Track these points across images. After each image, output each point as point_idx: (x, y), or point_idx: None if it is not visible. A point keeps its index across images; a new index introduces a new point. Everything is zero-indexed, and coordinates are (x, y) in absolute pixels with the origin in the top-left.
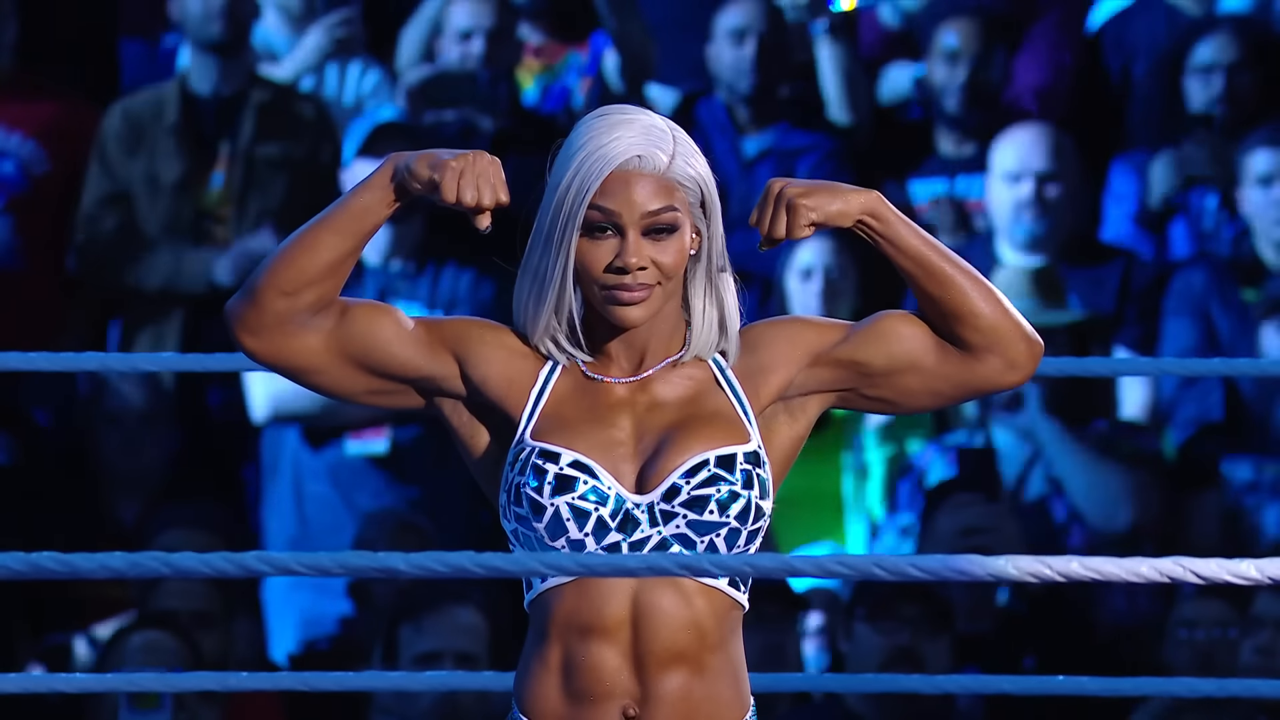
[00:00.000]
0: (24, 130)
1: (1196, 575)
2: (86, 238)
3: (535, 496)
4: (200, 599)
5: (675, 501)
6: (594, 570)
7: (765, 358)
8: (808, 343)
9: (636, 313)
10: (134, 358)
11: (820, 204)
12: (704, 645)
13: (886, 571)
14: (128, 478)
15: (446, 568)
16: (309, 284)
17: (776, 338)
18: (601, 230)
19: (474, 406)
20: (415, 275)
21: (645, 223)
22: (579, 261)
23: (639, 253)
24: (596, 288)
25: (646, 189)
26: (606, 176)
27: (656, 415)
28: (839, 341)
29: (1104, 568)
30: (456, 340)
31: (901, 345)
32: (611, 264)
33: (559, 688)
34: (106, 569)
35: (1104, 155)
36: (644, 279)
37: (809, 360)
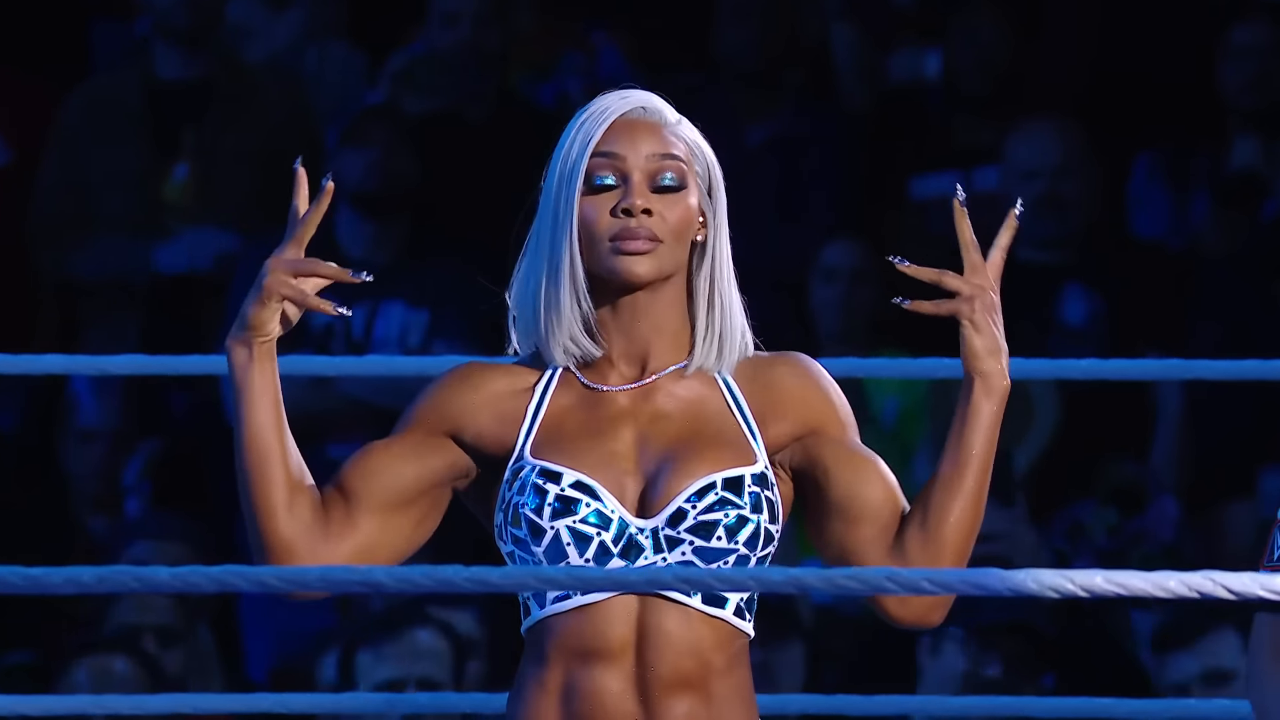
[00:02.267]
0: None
1: (1228, 590)
2: (40, 229)
3: (535, 519)
4: (167, 613)
5: (681, 527)
6: (590, 584)
7: (777, 400)
8: (817, 415)
9: (642, 266)
10: (101, 361)
11: (985, 329)
12: (711, 670)
13: (900, 586)
14: (94, 487)
15: (434, 582)
16: (291, 493)
17: (794, 389)
18: (604, 183)
19: (477, 458)
20: (399, 272)
21: (650, 167)
22: (582, 221)
23: (643, 194)
24: (600, 246)
25: (652, 135)
26: (610, 124)
27: (660, 427)
28: (833, 440)
29: (1130, 582)
30: (440, 420)
31: (866, 496)
32: (614, 209)
33: (558, 715)
34: (74, 584)
35: (1130, 146)
36: (649, 225)
37: (806, 432)
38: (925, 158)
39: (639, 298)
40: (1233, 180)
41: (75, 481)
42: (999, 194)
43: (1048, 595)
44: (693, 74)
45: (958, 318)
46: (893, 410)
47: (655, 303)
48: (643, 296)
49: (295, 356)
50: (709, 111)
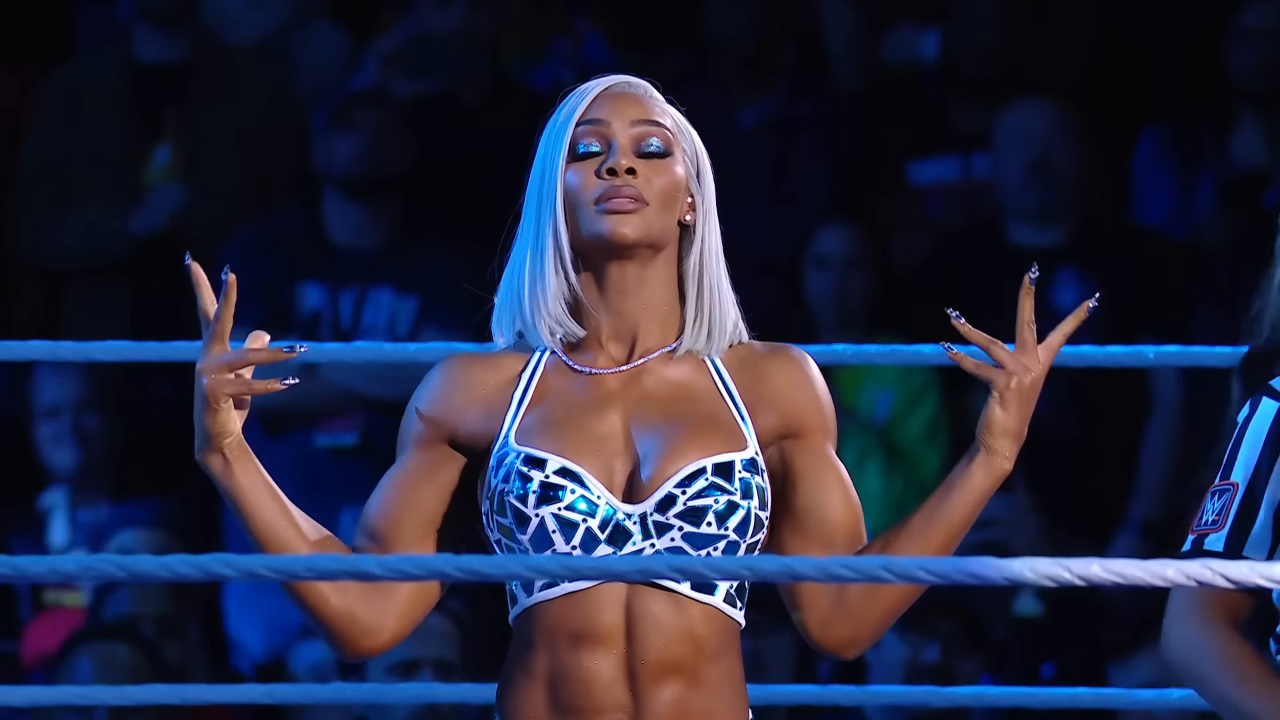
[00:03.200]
0: None
1: (1226, 579)
2: (19, 212)
3: (519, 506)
4: (158, 603)
5: (670, 513)
6: (580, 573)
7: (768, 393)
8: (804, 419)
9: (628, 225)
10: (87, 347)
11: (1012, 409)
12: (701, 656)
13: (894, 575)
14: (75, 473)
15: (423, 571)
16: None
17: (786, 386)
18: (589, 150)
19: (470, 453)
20: (388, 258)
21: (635, 132)
22: (567, 190)
23: (627, 155)
24: (586, 209)
25: (637, 104)
26: (595, 96)
27: (649, 410)
28: (812, 449)
29: (1127, 570)
30: (434, 430)
31: (826, 515)
32: (598, 170)
33: (546, 701)
34: (57, 572)
35: (1132, 128)
36: (634, 184)
37: (789, 433)
38: (923, 142)
39: (628, 272)
40: (1237, 168)
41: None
42: (995, 179)
43: (1045, 584)
44: (683, 54)
45: (991, 386)
46: (885, 406)
47: (644, 281)
48: (631, 271)
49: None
50: (700, 94)
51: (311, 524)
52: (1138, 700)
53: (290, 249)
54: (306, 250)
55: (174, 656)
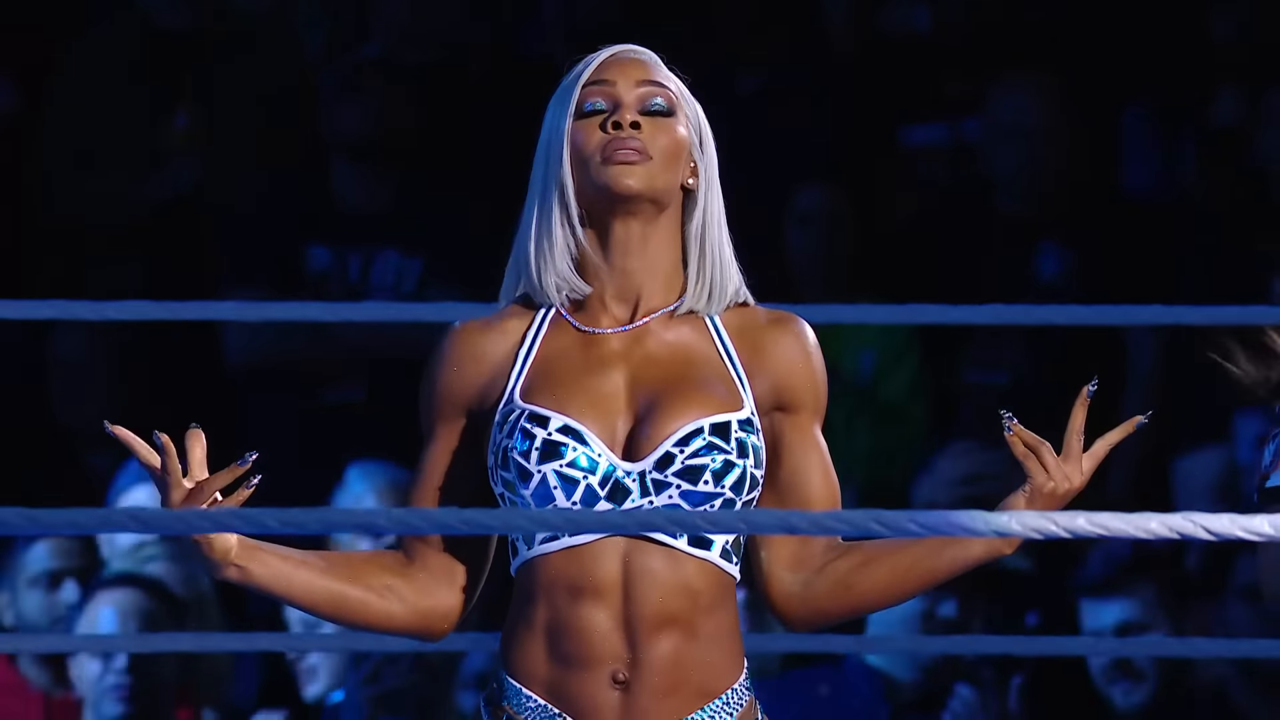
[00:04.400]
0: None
1: (1208, 531)
2: (43, 175)
3: (522, 462)
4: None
5: (668, 471)
6: (581, 526)
7: (767, 361)
8: (798, 393)
9: (631, 177)
10: (103, 305)
11: (1043, 508)
12: (696, 609)
13: (886, 528)
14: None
15: (429, 524)
16: (380, 593)
17: (785, 357)
18: (595, 108)
19: (482, 414)
20: (394, 221)
21: (641, 92)
22: (573, 146)
23: (632, 111)
24: (591, 163)
25: (642, 67)
26: (603, 60)
27: (649, 371)
28: (801, 424)
29: (1111, 523)
30: (450, 408)
31: (805, 492)
32: (603, 124)
33: (546, 652)
34: (74, 525)
35: (1117, 96)
36: (639, 138)
37: (782, 404)
38: (914, 107)
39: (631, 230)
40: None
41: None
42: (984, 146)
43: (1031, 536)
44: (685, 22)
45: (1029, 478)
46: (869, 364)
47: (647, 240)
48: (635, 229)
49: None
50: (701, 60)
51: (349, 560)
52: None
53: (300, 212)
54: (315, 213)
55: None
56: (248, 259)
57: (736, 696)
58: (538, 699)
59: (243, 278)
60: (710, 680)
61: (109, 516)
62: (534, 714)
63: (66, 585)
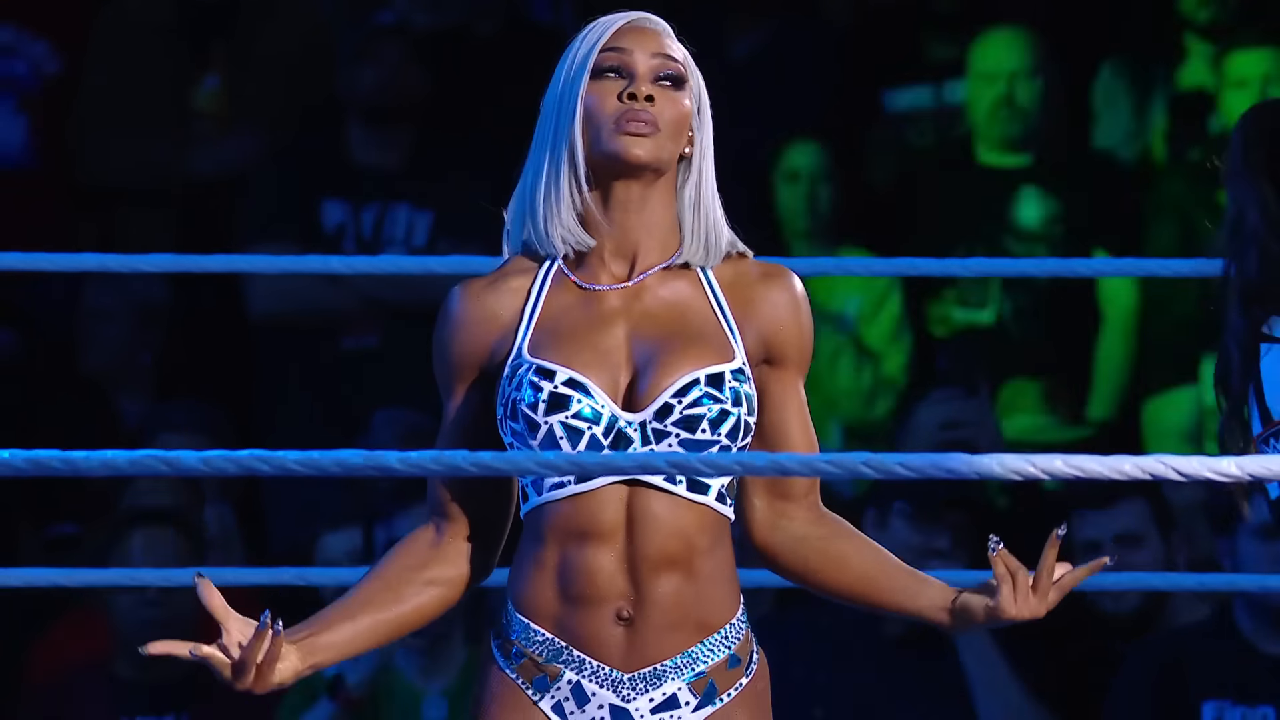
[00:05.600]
0: (33, 29)
1: (1178, 472)
2: (82, 136)
3: (530, 414)
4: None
5: (667, 421)
6: (586, 469)
7: (758, 314)
8: (785, 347)
9: (642, 147)
10: (135, 259)
11: (995, 622)
12: (695, 550)
13: (874, 470)
14: (125, 377)
15: (441, 466)
16: (422, 587)
17: (774, 311)
18: (611, 71)
19: (492, 368)
20: (406, 178)
21: (655, 64)
22: (587, 109)
23: (647, 82)
24: (604, 128)
25: (657, 39)
26: (619, 26)
27: (647, 326)
28: (786, 378)
29: (1087, 465)
30: (463, 370)
31: (783, 443)
32: (620, 95)
33: (554, 590)
34: (108, 466)
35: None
36: (651, 111)
37: (769, 356)
38: (899, 71)
39: (632, 191)
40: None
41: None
42: (966, 105)
43: (1011, 478)
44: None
45: (996, 596)
46: (854, 309)
47: (646, 201)
48: (635, 190)
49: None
50: (699, 25)
51: (381, 581)
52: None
53: (317, 169)
54: (332, 170)
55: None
56: (269, 215)
57: (734, 630)
58: (546, 633)
59: (264, 233)
60: (709, 615)
61: (140, 460)
62: (542, 647)
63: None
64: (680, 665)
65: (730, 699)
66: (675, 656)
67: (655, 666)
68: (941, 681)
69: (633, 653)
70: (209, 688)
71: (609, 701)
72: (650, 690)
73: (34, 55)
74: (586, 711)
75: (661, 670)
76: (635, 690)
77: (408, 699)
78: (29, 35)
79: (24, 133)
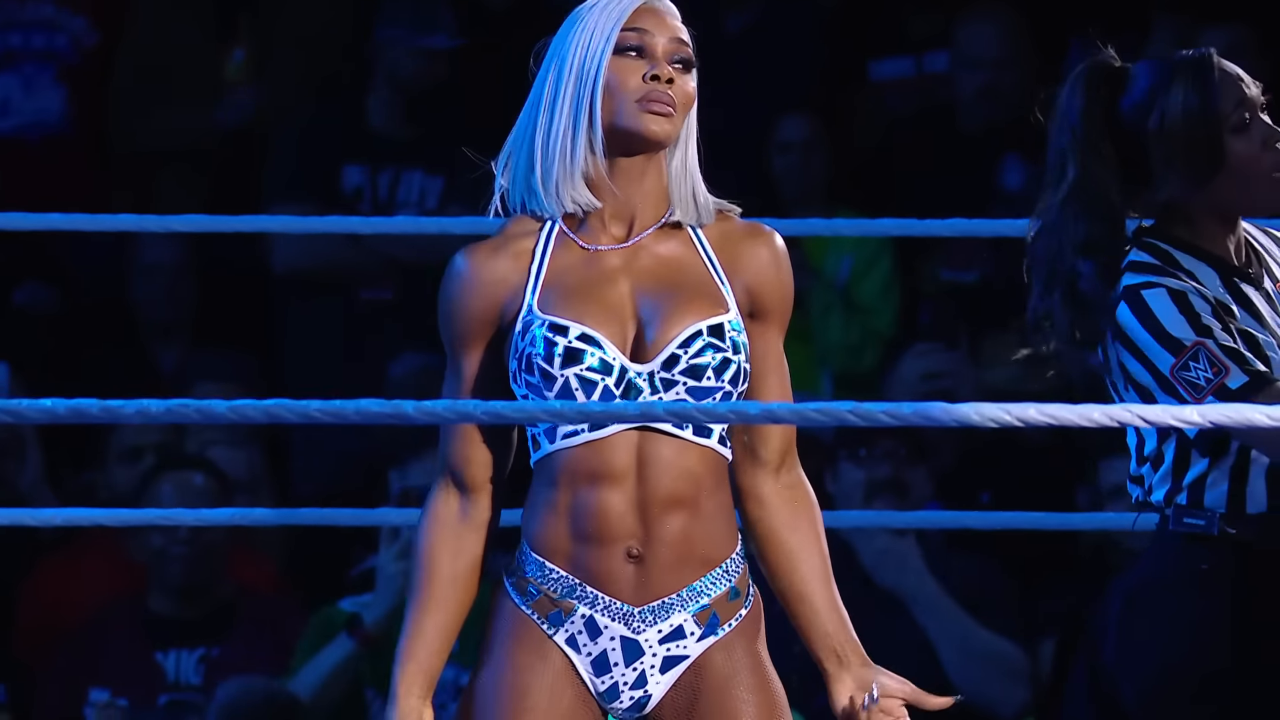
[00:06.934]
0: (72, 5)
1: (1144, 420)
2: (118, 104)
3: (546, 367)
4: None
5: (675, 370)
6: (591, 417)
7: (745, 269)
8: (768, 302)
9: (663, 127)
10: (168, 220)
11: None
12: (700, 489)
13: (860, 419)
14: (164, 327)
15: (455, 414)
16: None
17: (759, 267)
18: (632, 50)
19: (502, 326)
20: (420, 145)
21: (672, 48)
22: (610, 79)
23: (666, 63)
24: (628, 104)
25: (673, 23)
26: (638, 6)
27: (649, 281)
28: (765, 334)
29: (1060, 414)
30: (472, 334)
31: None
32: (644, 75)
33: (567, 529)
34: (143, 414)
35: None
36: (671, 93)
37: (753, 309)
38: (883, 44)
39: (636, 162)
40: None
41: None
42: (948, 76)
43: (988, 425)
44: None
45: (864, 704)
46: (846, 268)
47: (649, 168)
48: (639, 162)
49: (329, 218)
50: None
51: (445, 573)
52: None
53: (338, 136)
54: (351, 137)
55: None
56: (292, 178)
57: (734, 565)
58: (560, 570)
59: (288, 194)
60: (711, 551)
61: (174, 408)
62: (556, 584)
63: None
64: (686, 598)
65: (730, 629)
66: (681, 590)
67: (663, 600)
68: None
69: (642, 587)
70: (235, 622)
71: (620, 634)
72: (659, 622)
73: (74, 29)
74: (599, 643)
75: (669, 603)
76: (644, 623)
77: None
78: (69, 11)
79: (62, 101)
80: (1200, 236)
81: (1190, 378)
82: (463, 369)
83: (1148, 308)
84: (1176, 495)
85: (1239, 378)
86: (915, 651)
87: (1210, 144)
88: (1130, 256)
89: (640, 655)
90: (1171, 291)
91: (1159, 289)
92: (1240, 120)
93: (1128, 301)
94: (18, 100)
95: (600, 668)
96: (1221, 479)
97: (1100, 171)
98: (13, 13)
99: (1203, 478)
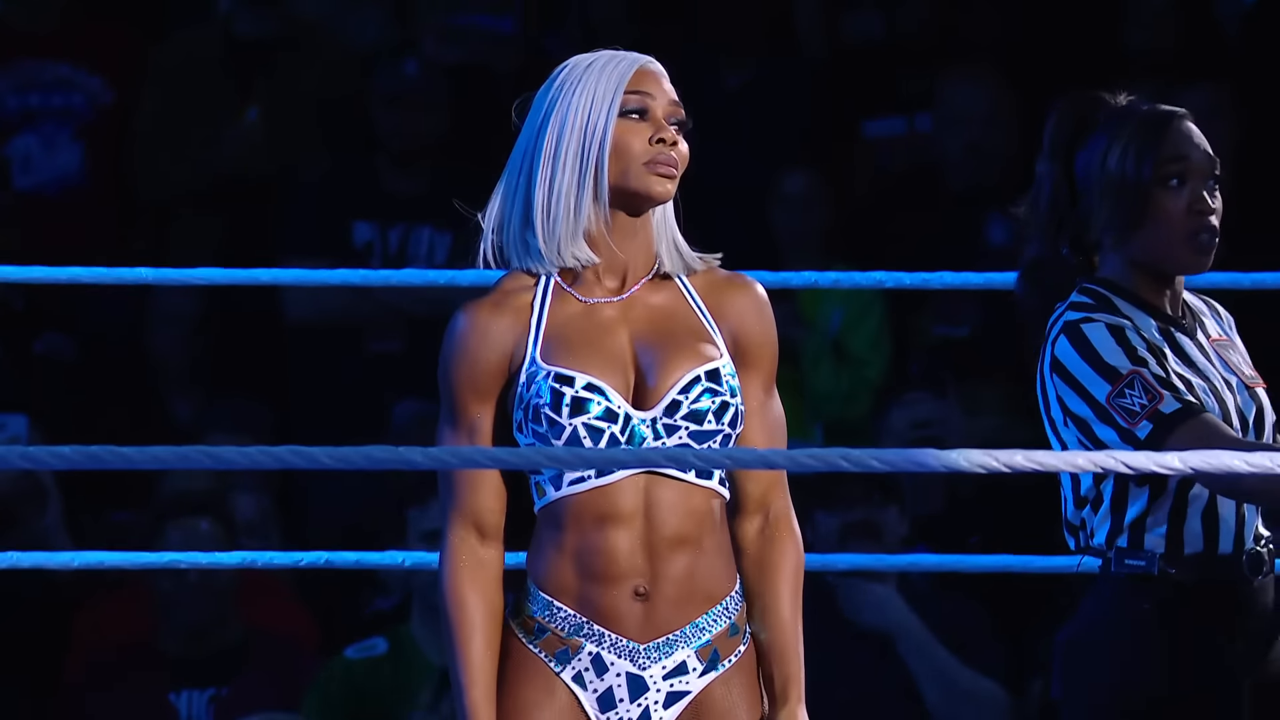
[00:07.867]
0: (88, 66)
1: (1127, 466)
2: (137, 159)
3: (554, 416)
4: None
5: (677, 415)
6: (590, 462)
7: (729, 317)
8: (754, 351)
9: (669, 187)
10: (185, 273)
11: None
12: (703, 529)
13: (851, 464)
14: (181, 377)
15: (459, 460)
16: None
17: (744, 317)
18: (635, 113)
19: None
20: (428, 202)
21: (670, 110)
22: (617, 142)
23: (668, 125)
24: (635, 165)
25: (667, 84)
26: (638, 69)
27: (646, 330)
28: (752, 382)
29: (1045, 460)
30: (477, 391)
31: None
32: (651, 138)
33: (575, 569)
34: (156, 460)
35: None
36: (674, 155)
37: (737, 356)
38: (874, 103)
39: (635, 220)
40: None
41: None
42: (936, 134)
43: (976, 471)
44: (678, 25)
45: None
46: (837, 319)
47: (644, 225)
48: (638, 220)
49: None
50: (693, 60)
51: (485, 619)
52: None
53: (349, 193)
54: (362, 194)
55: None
56: (305, 232)
57: (733, 602)
58: (568, 609)
59: (300, 248)
60: (714, 588)
61: (186, 454)
62: (564, 622)
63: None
64: (689, 635)
65: (730, 665)
66: (685, 627)
67: (667, 636)
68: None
69: (648, 625)
70: (248, 663)
71: (626, 670)
72: (663, 658)
73: (90, 89)
74: (605, 680)
75: (673, 640)
76: (649, 659)
77: (425, 671)
78: (85, 71)
79: (80, 158)
80: (1138, 287)
81: (1126, 404)
82: (466, 422)
83: (1086, 339)
84: (1117, 537)
85: (1173, 404)
86: (900, 692)
87: (1136, 195)
88: (1070, 298)
89: (645, 691)
90: (1109, 326)
91: (1097, 323)
92: (1174, 177)
93: (1066, 335)
94: (38, 158)
95: (606, 704)
96: (1160, 520)
97: (1061, 197)
98: (32, 74)
99: (1142, 517)
